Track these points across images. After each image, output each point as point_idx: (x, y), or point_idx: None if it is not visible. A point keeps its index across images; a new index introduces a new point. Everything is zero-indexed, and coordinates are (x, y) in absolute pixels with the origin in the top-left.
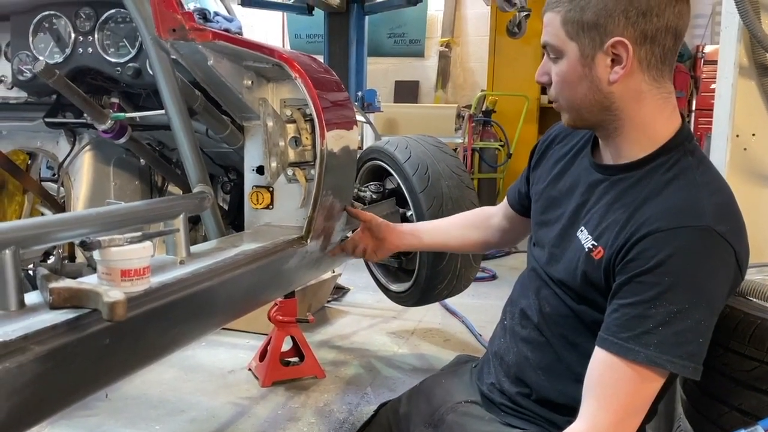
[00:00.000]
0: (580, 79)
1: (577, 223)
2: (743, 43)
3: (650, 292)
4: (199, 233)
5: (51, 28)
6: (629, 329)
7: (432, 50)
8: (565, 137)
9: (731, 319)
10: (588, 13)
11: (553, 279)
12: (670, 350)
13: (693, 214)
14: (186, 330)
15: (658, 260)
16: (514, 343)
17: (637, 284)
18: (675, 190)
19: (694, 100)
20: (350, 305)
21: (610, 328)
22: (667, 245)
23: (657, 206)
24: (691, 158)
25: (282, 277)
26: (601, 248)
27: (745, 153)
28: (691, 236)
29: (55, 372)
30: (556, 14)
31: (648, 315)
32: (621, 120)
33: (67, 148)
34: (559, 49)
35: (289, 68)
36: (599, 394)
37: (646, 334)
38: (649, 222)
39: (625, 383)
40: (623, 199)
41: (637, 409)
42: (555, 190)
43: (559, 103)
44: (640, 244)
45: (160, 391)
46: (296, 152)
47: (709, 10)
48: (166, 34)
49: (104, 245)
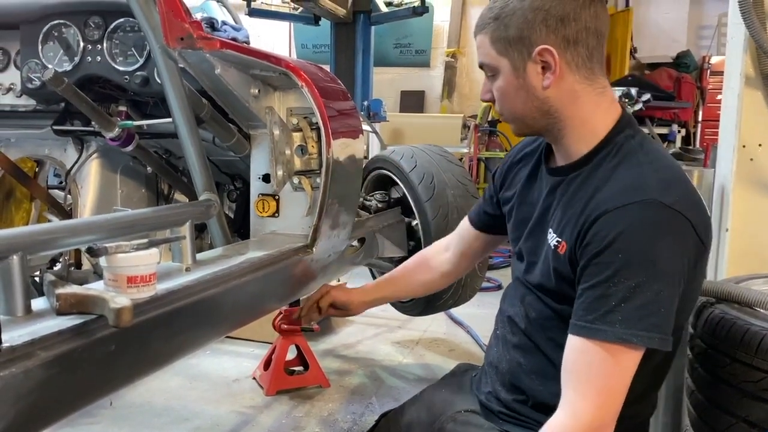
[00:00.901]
0: (517, 90)
1: (545, 227)
2: (749, 53)
3: (607, 272)
4: (205, 241)
5: (60, 37)
6: (594, 311)
7: (438, 60)
8: (525, 157)
9: (738, 329)
10: (511, 29)
11: (533, 284)
12: (634, 324)
13: (638, 190)
14: (191, 337)
15: (610, 239)
16: (507, 350)
17: (595, 266)
18: (621, 173)
19: (701, 110)
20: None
21: (577, 313)
22: (617, 224)
23: (606, 191)
24: (633, 141)
25: (287, 286)
26: (564, 242)
27: (751, 163)
28: (639, 211)
29: (60, 378)
30: (484, 35)
31: (608, 294)
32: (562, 121)
33: (75, 155)
34: (493, 66)
35: (295, 77)
36: (575, 381)
37: (610, 312)
38: (600, 205)
39: (598, 365)
40: (578, 194)
41: (615, 391)
42: (524, 205)
43: (505, 116)
44: (593, 227)
45: (165, 399)
46: (302, 161)
47: (715, 21)
48: (174, 43)
49: (111, 252)
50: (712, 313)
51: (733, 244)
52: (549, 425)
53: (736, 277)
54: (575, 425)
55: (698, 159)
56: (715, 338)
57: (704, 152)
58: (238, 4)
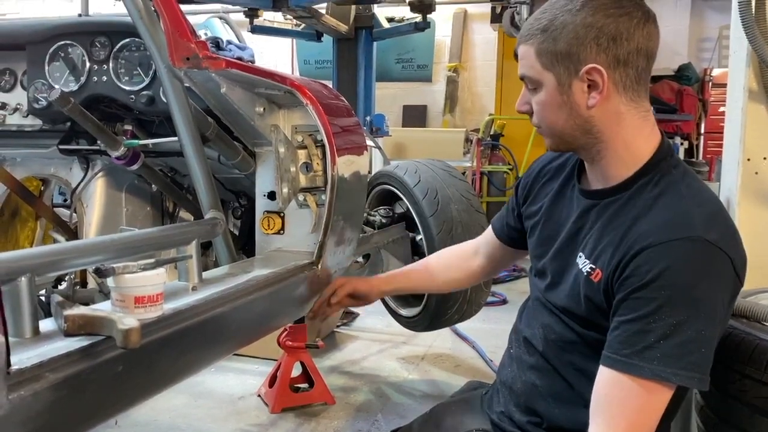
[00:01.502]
0: (559, 107)
1: (575, 249)
2: (752, 67)
3: (648, 307)
4: (210, 258)
5: (66, 57)
6: (631, 345)
7: (440, 75)
8: (550, 171)
9: (746, 345)
10: (560, 43)
11: (556, 306)
12: (673, 363)
13: (683, 226)
14: (199, 357)
15: (654, 275)
16: (522, 371)
17: (635, 300)
18: (663, 205)
19: (703, 123)
20: (360, 330)
21: (612, 346)
22: (661, 259)
23: (648, 223)
24: (675, 172)
25: (293, 303)
26: (599, 270)
27: (756, 177)
28: (684, 248)
29: (69, 399)
30: (529, 47)
31: (648, 330)
32: (603, 142)
33: (80, 174)
34: (536, 80)
35: (300, 95)
36: (607, 413)
37: (648, 348)
38: (642, 238)
39: (631, 400)
40: (615, 220)
41: (646, 426)
42: (551, 222)
43: (542, 129)
44: (635, 260)
45: (170, 417)
46: (307, 178)
47: (716, 34)
48: (179, 63)
49: (118, 272)
50: None
51: None
52: None
53: (744, 292)
54: None
55: (702, 172)
56: (724, 354)
57: (708, 165)
58: (241, 21)
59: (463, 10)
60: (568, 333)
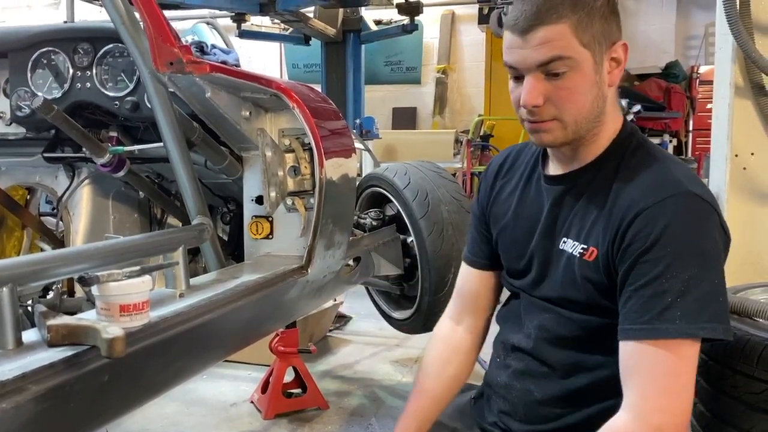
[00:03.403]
0: (591, 87)
1: (557, 237)
2: (738, 63)
3: (658, 268)
4: (199, 264)
5: (49, 64)
6: (650, 310)
7: (429, 77)
8: (508, 169)
9: (739, 340)
10: (595, 20)
11: (550, 299)
12: (696, 317)
13: (670, 184)
14: (187, 364)
15: (656, 235)
16: (514, 379)
17: (643, 264)
18: (644, 172)
19: (691, 120)
20: (353, 334)
21: (629, 317)
22: (658, 219)
23: (634, 190)
24: (643, 144)
25: (283, 308)
26: (593, 248)
27: (744, 173)
28: (678, 203)
29: (53, 411)
30: (563, 26)
31: (663, 290)
32: (603, 124)
33: (66, 182)
34: (574, 60)
35: (286, 98)
36: (639, 387)
37: (668, 309)
38: (634, 205)
39: (662, 365)
40: (596, 198)
41: (683, 389)
42: (522, 219)
43: (558, 121)
44: (632, 227)
45: (162, 425)
46: (295, 181)
47: (702, 31)
48: (163, 68)
49: (102, 280)
50: None
51: (730, 254)
52: (610, 428)
53: (734, 287)
54: (636, 425)
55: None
56: (715, 350)
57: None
58: (229, 26)
59: (451, 11)
60: (563, 327)
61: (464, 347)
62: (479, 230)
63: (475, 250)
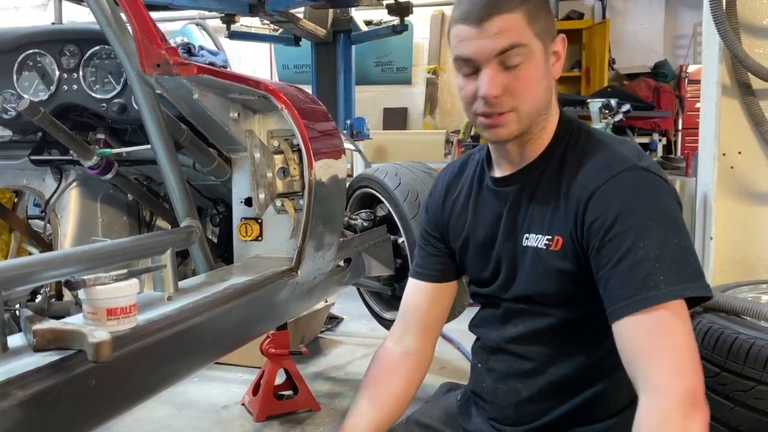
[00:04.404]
0: (543, 78)
1: (518, 235)
2: (725, 62)
3: (628, 239)
4: (189, 267)
5: (36, 66)
6: (632, 281)
7: (419, 77)
8: (456, 184)
9: (726, 339)
10: (542, 12)
11: (521, 298)
12: (677, 279)
13: (618, 161)
14: (175, 367)
15: (616, 209)
16: (499, 382)
17: (611, 241)
18: (592, 153)
19: (680, 119)
20: (344, 335)
21: (613, 297)
22: (613, 193)
23: (586, 172)
24: (584, 132)
25: (273, 310)
26: (558, 237)
27: (732, 171)
28: (629, 177)
29: (39, 417)
30: (517, 14)
31: (639, 259)
32: (549, 115)
33: (54, 185)
34: (529, 49)
35: (275, 99)
36: (644, 360)
37: (650, 275)
38: (587, 186)
39: (661, 331)
40: (550, 188)
41: (690, 349)
42: (481, 228)
43: (515, 113)
44: (590, 207)
45: (152, 429)
46: (284, 183)
47: (691, 31)
48: (150, 69)
49: (89, 284)
50: (699, 323)
51: (717, 253)
52: (642, 419)
53: (722, 286)
54: (667, 400)
55: (680, 168)
56: (703, 348)
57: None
58: (218, 27)
59: (441, 12)
60: (539, 322)
61: (401, 368)
62: (429, 245)
63: (422, 264)
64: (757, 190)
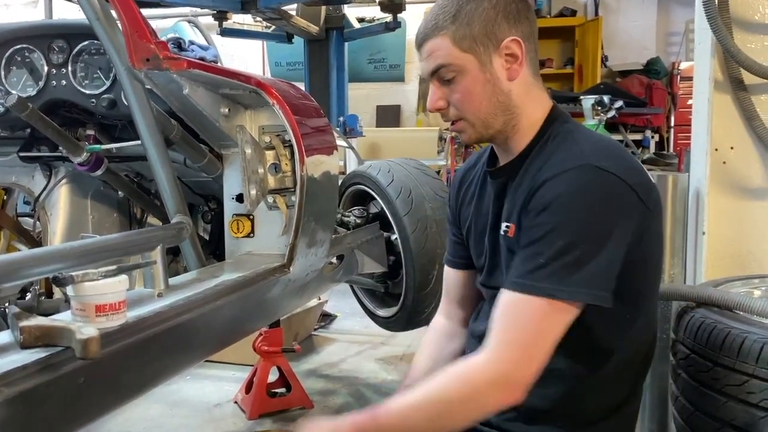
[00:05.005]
0: (483, 86)
1: (500, 224)
2: (717, 57)
3: (541, 232)
4: (181, 264)
5: (24, 62)
6: (525, 267)
7: (412, 74)
8: (471, 175)
9: (719, 333)
10: (475, 25)
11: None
12: (560, 281)
13: (575, 157)
14: (166, 365)
15: (547, 201)
16: None
17: (531, 228)
18: (557, 149)
19: (673, 116)
20: (338, 332)
21: (511, 272)
22: (555, 188)
23: (545, 167)
24: (567, 126)
25: (265, 307)
26: (512, 224)
27: (724, 167)
28: (576, 175)
29: (26, 415)
30: (443, 38)
31: (540, 252)
32: (518, 116)
33: (43, 182)
34: (457, 66)
35: (266, 94)
36: (502, 330)
37: (539, 269)
38: (539, 178)
39: (525, 319)
40: (524, 182)
41: (539, 347)
42: (479, 217)
43: (464, 121)
44: (536, 195)
45: (144, 427)
46: (276, 179)
47: (683, 28)
48: (139, 64)
49: (77, 280)
50: (692, 318)
51: (710, 248)
52: (468, 362)
53: (715, 281)
54: (494, 369)
55: (672, 164)
56: (696, 343)
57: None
58: (211, 24)
59: None
60: None
61: (457, 336)
62: (453, 233)
63: (452, 251)
64: (749, 185)
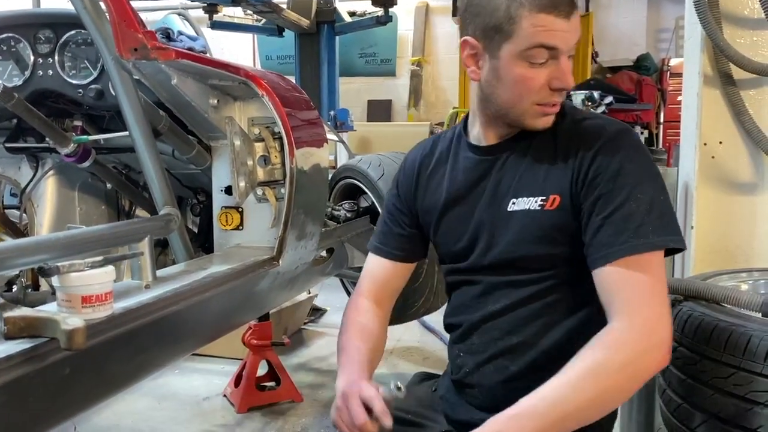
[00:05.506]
0: None
1: (503, 200)
2: (707, 52)
3: (624, 192)
4: (169, 257)
5: (9, 51)
6: (625, 230)
7: (403, 69)
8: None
9: (706, 326)
10: None
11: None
12: (662, 230)
13: (613, 125)
14: (153, 357)
15: (616, 166)
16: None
17: (610, 193)
18: (583, 123)
19: (662, 112)
20: (328, 326)
21: (604, 243)
22: (616, 153)
23: (585, 137)
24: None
25: (254, 300)
26: (554, 196)
27: (713, 161)
28: (625, 139)
29: (10, 406)
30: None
31: (632, 212)
32: None
33: (30, 173)
34: None
35: (255, 86)
36: (624, 300)
37: (641, 227)
38: (590, 146)
39: (644, 278)
40: (541, 156)
41: (664, 296)
42: (460, 198)
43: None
44: (594, 164)
45: (132, 421)
46: (265, 171)
47: (673, 24)
48: (127, 54)
49: (63, 271)
50: (680, 311)
51: (698, 242)
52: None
53: (703, 274)
54: (635, 337)
55: (661, 159)
56: (684, 335)
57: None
58: (201, 17)
59: (425, 3)
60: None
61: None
62: (395, 223)
63: (386, 241)
64: (737, 179)
